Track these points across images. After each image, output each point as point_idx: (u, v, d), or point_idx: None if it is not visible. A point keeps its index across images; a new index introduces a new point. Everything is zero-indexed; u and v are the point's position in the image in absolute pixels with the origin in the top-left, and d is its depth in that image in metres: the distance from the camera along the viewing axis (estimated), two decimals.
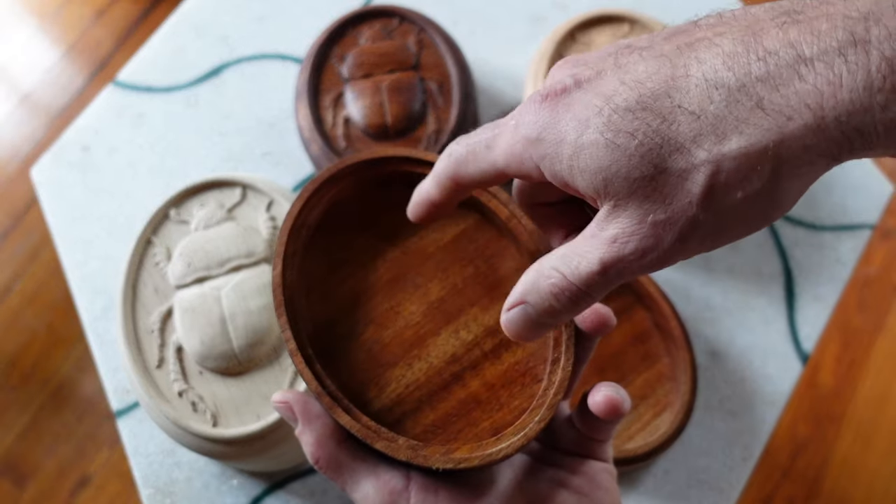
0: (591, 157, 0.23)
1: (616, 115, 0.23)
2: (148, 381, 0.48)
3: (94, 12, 1.60)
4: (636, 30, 0.62)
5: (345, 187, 0.34)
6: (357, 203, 0.35)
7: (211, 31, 0.72)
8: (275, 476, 0.56)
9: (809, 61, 0.21)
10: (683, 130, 0.22)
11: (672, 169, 0.22)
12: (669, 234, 0.23)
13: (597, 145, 0.23)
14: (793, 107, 0.21)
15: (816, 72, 0.21)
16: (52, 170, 0.67)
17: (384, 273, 0.34)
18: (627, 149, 0.23)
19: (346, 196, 0.35)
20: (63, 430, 1.24)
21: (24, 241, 1.38)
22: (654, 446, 0.53)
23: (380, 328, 0.33)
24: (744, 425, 0.58)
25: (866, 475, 1.19)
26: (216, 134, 0.68)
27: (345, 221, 0.35)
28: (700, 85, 0.22)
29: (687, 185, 0.22)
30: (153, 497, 0.55)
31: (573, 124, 0.24)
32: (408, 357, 0.32)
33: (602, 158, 0.23)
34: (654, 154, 0.23)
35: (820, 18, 0.21)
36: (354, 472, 0.30)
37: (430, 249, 0.34)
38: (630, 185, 0.23)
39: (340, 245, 0.34)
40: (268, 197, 0.54)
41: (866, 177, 0.66)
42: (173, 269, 0.51)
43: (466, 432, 0.31)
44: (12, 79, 1.54)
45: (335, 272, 0.34)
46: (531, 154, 0.25)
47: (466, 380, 0.32)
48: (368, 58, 0.60)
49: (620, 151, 0.23)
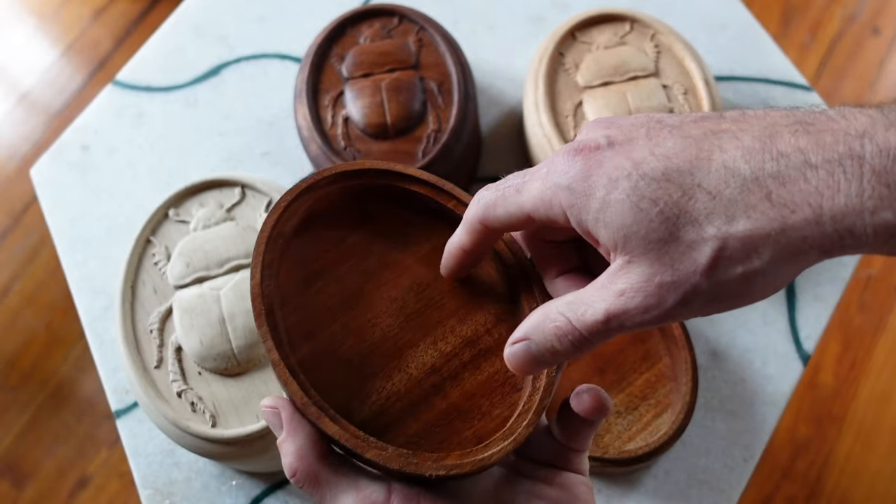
0: (616, 213, 0.26)
1: (643, 181, 0.26)
2: (147, 381, 0.48)
3: (93, 12, 1.59)
4: (636, 29, 0.61)
5: (322, 197, 0.34)
6: (334, 214, 0.34)
7: (210, 31, 0.72)
8: (274, 476, 0.56)
9: (814, 167, 0.25)
10: (699, 207, 0.26)
11: (684, 238, 0.26)
12: (672, 295, 0.26)
13: (623, 205, 0.26)
14: (796, 202, 0.24)
15: (819, 177, 0.24)
16: (52, 170, 0.67)
17: (361, 284, 0.33)
18: (649, 213, 0.26)
19: (324, 207, 0.34)
20: (62, 430, 1.24)
21: (24, 241, 1.38)
22: (654, 447, 0.53)
23: (358, 340, 0.32)
24: (744, 426, 0.57)
25: (867, 476, 1.19)
26: (215, 134, 0.67)
27: (321, 232, 0.34)
28: (720, 170, 0.26)
29: (695, 254, 0.25)
30: (152, 497, 0.55)
31: (603, 181, 0.27)
32: (387, 369, 0.32)
33: (626, 217, 0.26)
34: (671, 222, 0.26)
35: (826, 132, 0.25)
36: (334, 486, 0.30)
37: (408, 262, 0.34)
38: (646, 246, 0.26)
39: (316, 256, 0.34)
40: (267, 197, 0.54)
41: None
42: (172, 269, 0.51)
43: (450, 441, 0.31)
44: (11, 78, 1.54)
45: (311, 284, 0.33)
46: (560, 200, 0.28)
47: (447, 390, 0.32)
48: (368, 57, 0.60)
49: (643, 214, 0.26)
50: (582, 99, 0.59)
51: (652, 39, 0.61)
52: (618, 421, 0.56)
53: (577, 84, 0.59)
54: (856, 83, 1.48)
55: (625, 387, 0.57)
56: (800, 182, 0.25)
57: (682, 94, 0.59)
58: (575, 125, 0.58)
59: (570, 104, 0.59)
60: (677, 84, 0.59)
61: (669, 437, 0.54)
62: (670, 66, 0.60)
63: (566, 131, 0.58)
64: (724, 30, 0.71)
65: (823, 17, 1.54)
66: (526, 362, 0.30)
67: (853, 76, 1.49)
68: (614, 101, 0.58)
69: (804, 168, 0.25)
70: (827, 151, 0.25)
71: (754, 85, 0.69)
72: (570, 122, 0.58)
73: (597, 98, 0.58)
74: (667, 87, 0.59)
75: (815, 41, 1.52)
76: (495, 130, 0.67)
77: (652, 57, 0.60)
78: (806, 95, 0.68)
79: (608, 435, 0.55)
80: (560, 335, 0.28)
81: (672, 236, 0.26)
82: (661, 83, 0.59)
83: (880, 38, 1.52)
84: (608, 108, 0.57)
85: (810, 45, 1.52)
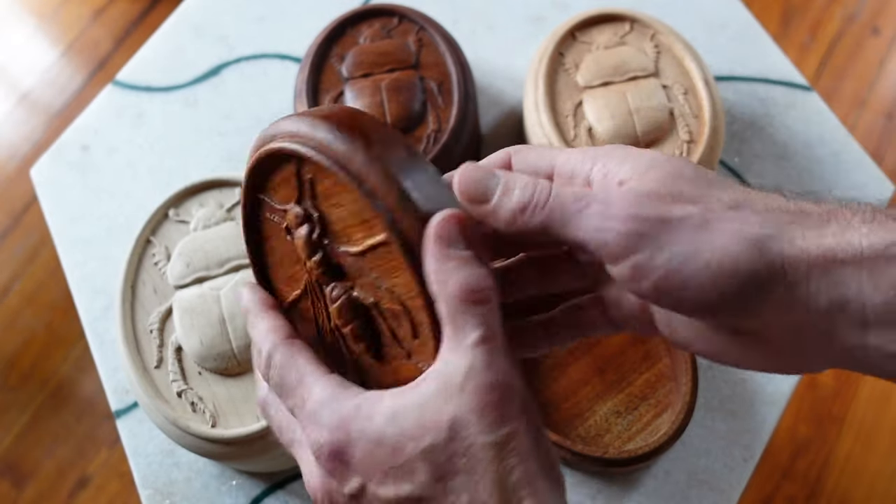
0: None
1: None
2: (147, 381, 0.48)
3: (93, 12, 1.59)
4: (636, 29, 0.61)
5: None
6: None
7: (210, 31, 0.72)
8: (274, 476, 0.56)
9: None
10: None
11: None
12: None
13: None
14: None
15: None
16: (52, 170, 0.67)
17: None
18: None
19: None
20: (62, 430, 1.24)
21: (24, 241, 1.38)
22: (654, 447, 0.53)
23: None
24: (744, 426, 0.57)
25: (868, 476, 1.19)
26: (215, 134, 0.67)
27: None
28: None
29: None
30: (152, 497, 0.55)
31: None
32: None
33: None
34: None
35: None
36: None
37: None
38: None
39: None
40: None
41: (867, 177, 0.65)
42: (172, 269, 0.51)
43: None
44: (11, 78, 1.54)
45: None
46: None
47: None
48: (368, 57, 0.60)
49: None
50: (582, 99, 0.59)
51: (652, 39, 0.61)
52: (618, 421, 0.56)
53: (577, 84, 0.59)
54: (856, 83, 1.48)
55: (625, 387, 0.57)
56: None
57: (681, 94, 0.59)
58: (575, 125, 0.58)
59: (570, 104, 0.59)
60: (677, 84, 0.59)
61: (669, 437, 0.54)
62: (670, 66, 0.60)
63: (566, 131, 0.58)
64: (723, 30, 0.71)
65: (823, 17, 1.54)
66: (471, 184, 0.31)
67: (853, 76, 1.49)
68: (614, 101, 0.58)
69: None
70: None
71: (754, 85, 0.69)
72: (570, 122, 0.58)
73: (597, 98, 0.58)
74: (667, 87, 0.59)
75: (815, 41, 1.52)
76: (495, 130, 0.67)
77: (652, 57, 0.60)
78: (806, 95, 0.68)
79: (608, 435, 0.55)
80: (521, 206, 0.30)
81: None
82: (661, 83, 0.59)
83: (880, 38, 1.52)
84: (608, 108, 0.57)
85: (810, 45, 1.52)
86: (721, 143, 0.58)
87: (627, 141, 0.57)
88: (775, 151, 0.66)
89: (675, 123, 0.58)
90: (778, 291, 0.27)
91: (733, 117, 0.67)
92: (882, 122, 1.45)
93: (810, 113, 0.68)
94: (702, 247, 0.27)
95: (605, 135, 0.57)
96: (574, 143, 0.57)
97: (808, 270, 0.27)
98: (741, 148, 0.66)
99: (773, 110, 0.68)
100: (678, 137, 0.57)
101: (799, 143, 0.66)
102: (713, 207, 0.28)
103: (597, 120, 0.57)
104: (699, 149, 0.56)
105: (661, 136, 0.57)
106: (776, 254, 0.27)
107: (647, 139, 0.57)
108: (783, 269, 0.27)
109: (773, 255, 0.27)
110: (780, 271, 0.27)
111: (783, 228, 0.27)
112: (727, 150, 0.66)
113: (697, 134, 0.57)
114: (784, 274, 0.27)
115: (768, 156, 0.66)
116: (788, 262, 0.27)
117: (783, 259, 0.27)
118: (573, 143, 0.57)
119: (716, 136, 0.57)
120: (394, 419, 0.28)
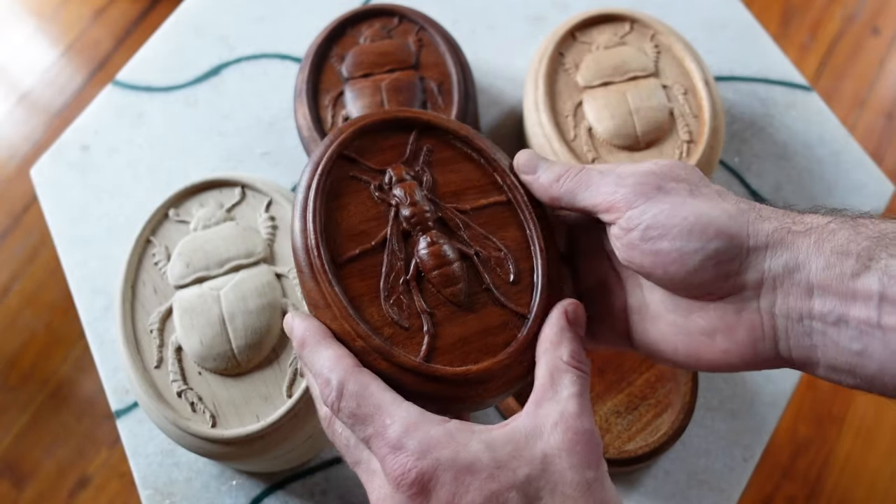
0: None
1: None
2: (147, 381, 0.48)
3: (93, 12, 1.59)
4: (636, 29, 0.61)
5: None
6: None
7: (210, 31, 0.72)
8: (274, 476, 0.56)
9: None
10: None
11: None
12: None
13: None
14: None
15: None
16: (52, 170, 0.67)
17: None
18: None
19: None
20: (62, 430, 1.24)
21: (24, 241, 1.38)
22: (654, 447, 0.53)
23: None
24: (744, 425, 0.57)
25: (868, 475, 1.19)
26: (215, 134, 0.67)
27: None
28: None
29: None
30: (152, 497, 0.55)
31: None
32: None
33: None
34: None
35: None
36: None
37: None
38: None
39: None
40: (267, 197, 0.54)
41: (867, 177, 0.65)
42: (172, 269, 0.51)
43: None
44: (11, 78, 1.54)
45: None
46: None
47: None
48: (368, 57, 0.60)
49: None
50: (582, 99, 0.59)
51: (652, 39, 0.61)
52: (618, 421, 0.56)
53: (577, 84, 0.59)
54: (856, 83, 1.48)
55: (625, 387, 0.57)
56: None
57: (681, 94, 0.59)
58: (575, 125, 0.58)
59: (570, 104, 0.59)
60: (677, 84, 0.59)
61: (669, 437, 0.54)
62: (670, 66, 0.60)
63: (566, 131, 0.58)
64: (724, 30, 0.71)
65: (823, 17, 1.54)
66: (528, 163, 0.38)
67: (853, 76, 1.49)
68: (614, 101, 0.58)
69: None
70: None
71: (754, 85, 0.69)
72: (570, 122, 0.58)
73: (597, 98, 0.58)
74: (667, 87, 0.59)
75: (815, 41, 1.52)
76: (495, 130, 0.67)
77: (652, 57, 0.60)
78: (806, 95, 0.68)
79: (608, 435, 0.55)
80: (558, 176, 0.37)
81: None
82: (661, 83, 0.59)
83: (880, 38, 1.52)
84: (608, 108, 0.57)
85: (810, 45, 1.52)
86: (721, 143, 0.58)
87: (627, 141, 0.57)
88: (775, 151, 0.66)
89: (675, 123, 0.58)
90: (742, 255, 0.32)
91: (733, 117, 0.67)
92: (882, 122, 1.45)
93: (810, 113, 0.68)
94: (685, 207, 0.33)
95: (605, 135, 0.57)
96: (574, 143, 0.57)
97: (767, 238, 0.32)
98: (741, 148, 0.66)
99: (773, 110, 0.68)
100: (678, 137, 0.57)
101: (799, 143, 0.66)
102: (701, 189, 0.34)
103: (597, 120, 0.57)
104: (699, 149, 0.56)
105: (661, 136, 0.57)
106: (745, 221, 0.33)
107: (647, 139, 0.57)
108: (748, 234, 0.32)
109: (742, 221, 0.33)
110: (746, 235, 0.32)
111: (755, 207, 0.33)
112: (727, 150, 0.66)
113: (697, 134, 0.57)
114: (748, 237, 0.32)
115: (768, 156, 0.66)
116: (753, 229, 0.32)
117: (749, 226, 0.32)
118: (573, 143, 0.57)
119: (716, 136, 0.57)
120: (490, 447, 0.30)
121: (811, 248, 0.31)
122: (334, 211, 0.36)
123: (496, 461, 0.30)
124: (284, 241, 0.52)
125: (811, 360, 0.32)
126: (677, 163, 0.36)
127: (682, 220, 0.32)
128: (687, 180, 0.35)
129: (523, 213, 0.38)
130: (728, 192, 0.35)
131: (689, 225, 0.32)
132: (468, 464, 0.29)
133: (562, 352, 0.34)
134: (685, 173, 0.35)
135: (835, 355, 0.31)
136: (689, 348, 0.35)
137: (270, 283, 0.50)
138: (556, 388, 0.33)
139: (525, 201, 0.38)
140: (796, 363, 0.33)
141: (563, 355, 0.34)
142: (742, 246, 0.32)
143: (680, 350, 0.35)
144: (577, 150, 0.57)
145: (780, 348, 0.33)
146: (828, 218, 0.32)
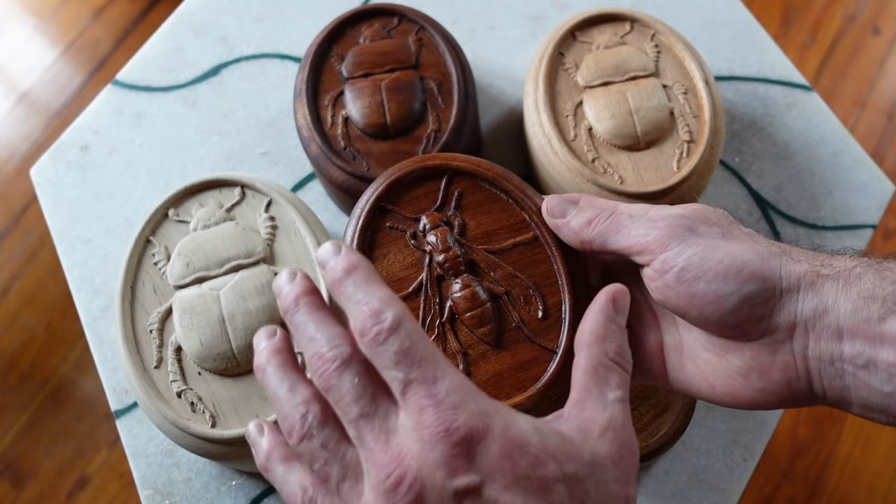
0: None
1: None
2: (146, 381, 0.48)
3: (93, 11, 1.59)
4: (636, 29, 0.61)
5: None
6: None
7: (210, 31, 0.72)
8: None
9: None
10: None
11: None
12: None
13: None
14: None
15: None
16: (51, 169, 0.67)
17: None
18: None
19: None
20: (62, 430, 1.24)
21: (23, 241, 1.38)
22: (654, 447, 0.53)
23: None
24: (745, 426, 0.57)
25: (868, 476, 1.19)
26: (215, 133, 0.67)
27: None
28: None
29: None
30: (152, 498, 0.55)
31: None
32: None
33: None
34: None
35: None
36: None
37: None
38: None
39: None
40: (267, 197, 0.54)
41: (868, 177, 0.65)
42: (172, 269, 0.51)
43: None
44: (10, 78, 1.54)
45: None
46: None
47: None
48: (368, 57, 0.60)
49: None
50: (582, 99, 0.59)
51: (652, 39, 0.61)
52: None
53: (577, 84, 0.59)
54: (856, 83, 1.48)
55: None
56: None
57: (682, 93, 0.59)
58: (575, 125, 0.58)
59: (570, 104, 0.59)
60: (677, 84, 0.59)
61: (669, 437, 0.53)
62: (670, 65, 0.60)
63: (566, 131, 0.58)
64: (724, 30, 0.71)
65: (823, 17, 1.54)
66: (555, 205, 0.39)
67: (853, 76, 1.49)
68: (614, 100, 0.58)
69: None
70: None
71: (754, 85, 0.69)
72: (570, 121, 0.58)
73: (597, 98, 0.58)
74: (667, 86, 0.59)
75: (815, 41, 1.52)
76: (495, 130, 0.67)
77: (652, 57, 0.60)
78: (806, 95, 0.68)
79: None
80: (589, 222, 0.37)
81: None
82: (662, 83, 0.59)
83: (880, 38, 1.52)
84: (608, 108, 0.57)
85: (810, 45, 1.52)
86: (721, 142, 0.58)
87: (628, 141, 0.57)
88: (775, 151, 0.66)
89: (676, 123, 0.58)
90: (775, 298, 0.33)
91: (733, 117, 0.67)
92: (882, 122, 1.45)
93: (810, 113, 0.68)
94: (719, 250, 0.33)
95: (605, 134, 0.57)
96: (574, 143, 0.57)
97: (798, 281, 0.33)
98: (741, 148, 0.66)
99: (774, 110, 0.68)
100: (678, 137, 0.57)
101: (799, 143, 0.66)
102: (733, 232, 0.35)
103: (597, 120, 0.57)
104: (699, 149, 0.56)
105: (662, 135, 0.57)
106: (778, 264, 0.33)
107: (648, 139, 0.57)
108: (780, 277, 0.33)
109: (775, 263, 0.33)
110: (778, 278, 0.33)
111: (786, 250, 0.34)
112: (727, 150, 0.66)
113: (697, 134, 0.57)
114: (780, 279, 0.33)
115: (768, 156, 0.66)
116: (786, 271, 0.33)
117: (782, 269, 0.33)
118: (573, 143, 0.57)
119: (716, 136, 0.57)
120: (539, 433, 0.29)
121: (840, 291, 0.32)
122: (375, 262, 0.40)
123: (545, 448, 0.28)
124: (284, 240, 0.52)
125: (845, 400, 0.32)
126: (707, 207, 0.36)
127: (717, 263, 0.33)
128: (718, 224, 0.35)
129: (550, 248, 0.40)
130: (759, 235, 0.35)
131: (724, 268, 0.33)
132: (519, 441, 0.28)
133: (608, 346, 0.33)
134: (716, 217, 0.36)
135: (867, 396, 0.31)
136: (725, 386, 0.35)
137: (270, 283, 0.50)
138: (602, 389, 0.32)
139: (552, 238, 0.40)
140: (830, 402, 0.33)
141: (608, 350, 0.33)
142: (775, 288, 0.33)
143: (717, 388, 0.35)
144: (576, 150, 0.57)
145: (814, 388, 0.33)
146: (854, 262, 0.33)
